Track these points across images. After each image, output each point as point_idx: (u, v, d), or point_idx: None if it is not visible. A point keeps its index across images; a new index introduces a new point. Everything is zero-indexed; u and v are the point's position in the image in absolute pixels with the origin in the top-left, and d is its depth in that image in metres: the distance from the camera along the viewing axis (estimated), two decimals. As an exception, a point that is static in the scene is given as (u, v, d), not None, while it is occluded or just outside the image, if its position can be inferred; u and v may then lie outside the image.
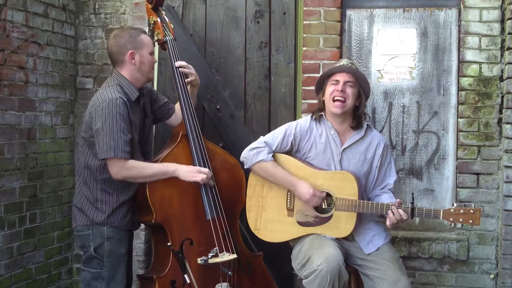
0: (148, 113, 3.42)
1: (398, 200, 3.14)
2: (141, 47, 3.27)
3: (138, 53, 3.26)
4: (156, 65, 4.18)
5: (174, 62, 3.47)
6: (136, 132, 3.25)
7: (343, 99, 3.22)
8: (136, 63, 3.26)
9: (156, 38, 3.52)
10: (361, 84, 3.28)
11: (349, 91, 3.23)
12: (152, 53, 3.33)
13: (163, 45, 3.52)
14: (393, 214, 3.07)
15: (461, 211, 3.05)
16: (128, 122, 3.15)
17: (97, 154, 3.14)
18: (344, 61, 3.34)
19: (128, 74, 3.26)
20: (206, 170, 3.28)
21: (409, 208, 3.08)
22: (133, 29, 3.39)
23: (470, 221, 3.04)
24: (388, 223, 3.09)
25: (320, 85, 3.35)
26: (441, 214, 3.06)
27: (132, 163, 3.16)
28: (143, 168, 3.20)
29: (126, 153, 3.11)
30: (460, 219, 3.05)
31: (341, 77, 3.23)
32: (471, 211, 3.05)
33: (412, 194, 3.45)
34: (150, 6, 3.55)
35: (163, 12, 3.61)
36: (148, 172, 3.20)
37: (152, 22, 3.54)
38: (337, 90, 3.21)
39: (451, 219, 3.06)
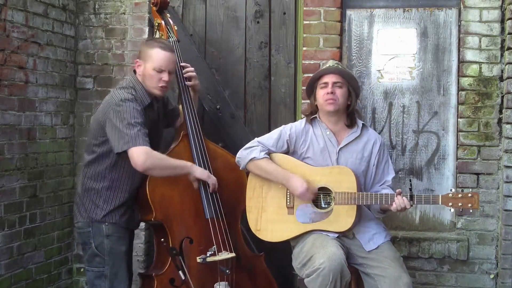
0: (161, 116, 3.44)
1: (398, 190, 3.14)
2: (146, 60, 3.23)
3: (143, 64, 3.24)
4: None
5: (178, 64, 3.48)
6: (151, 133, 3.26)
7: (334, 100, 3.25)
8: (140, 72, 3.26)
9: None
10: (349, 83, 3.31)
11: (339, 91, 3.27)
12: (157, 70, 3.20)
13: None
14: (394, 202, 3.08)
15: (459, 195, 3.05)
16: (144, 118, 3.15)
17: (114, 148, 3.10)
18: (330, 63, 3.37)
19: (141, 80, 3.27)
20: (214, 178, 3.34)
21: (408, 195, 3.08)
22: (155, 41, 3.35)
23: (469, 205, 3.04)
24: (393, 206, 3.09)
25: (311, 89, 3.37)
26: (440, 199, 3.06)
27: (157, 153, 3.15)
28: (167, 158, 3.21)
29: (147, 142, 3.09)
30: (459, 204, 3.04)
31: (329, 79, 3.27)
32: (469, 195, 3.04)
33: (410, 180, 3.46)
34: (155, 8, 3.61)
35: (167, 14, 3.65)
36: (171, 163, 3.21)
37: (157, 24, 3.59)
38: (327, 93, 3.25)
39: (450, 203, 3.05)
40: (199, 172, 3.28)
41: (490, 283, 3.83)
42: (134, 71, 3.31)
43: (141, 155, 3.04)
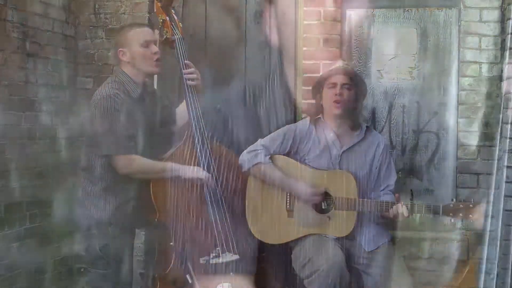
0: (156, 110, 3.40)
1: (396, 194, 3.14)
2: (129, 44, 3.21)
3: (127, 50, 3.22)
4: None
5: (182, 62, 3.46)
6: (141, 128, 3.25)
7: (342, 102, 3.23)
8: (128, 59, 3.23)
9: (164, 36, 3.52)
10: (357, 85, 3.29)
11: (347, 93, 3.25)
12: (145, 45, 3.21)
13: (171, 43, 3.52)
14: (393, 209, 3.08)
15: (461, 205, 3.05)
16: (127, 117, 3.13)
17: (98, 151, 3.12)
18: (339, 63, 3.35)
19: (127, 70, 3.24)
20: (205, 173, 3.26)
21: (409, 205, 3.08)
22: (125, 26, 3.38)
23: (470, 215, 3.04)
24: (390, 212, 3.09)
25: (317, 88, 3.35)
26: (441, 210, 3.07)
27: (138, 159, 3.14)
28: (150, 164, 3.18)
29: (128, 149, 3.10)
30: (460, 214, 3.05)
31: (338, 80, 3.24)
32: (470, 205, 3.05)
33: (411, 190, 3.46)
34: (159, 4, 3.55)
35: (172, 11, 3.61)
36: (155, 168, 3.19)
37: (161, 20, 3.52)
38: (336, 94, 3.23)
39: (451, 214, 3.06)
40: (189, 174, 3.22)
41: (490, 283, 3.83)
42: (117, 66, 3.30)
43: (119, 163, 3.11)
